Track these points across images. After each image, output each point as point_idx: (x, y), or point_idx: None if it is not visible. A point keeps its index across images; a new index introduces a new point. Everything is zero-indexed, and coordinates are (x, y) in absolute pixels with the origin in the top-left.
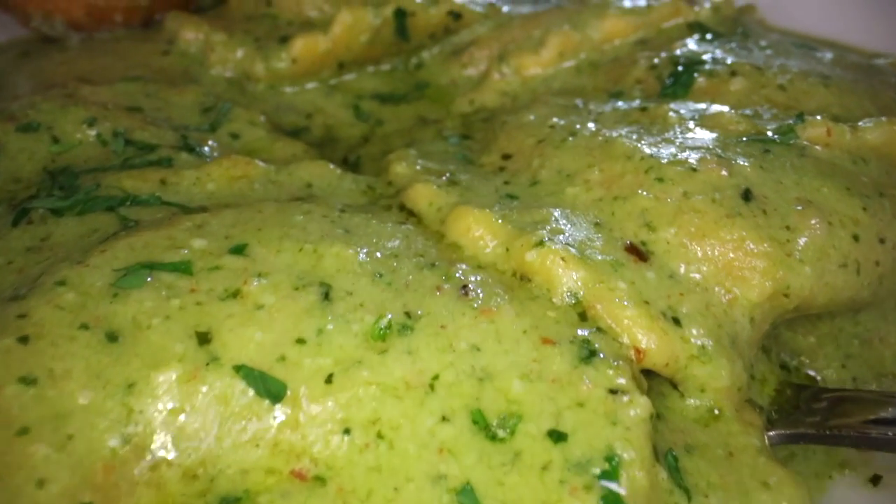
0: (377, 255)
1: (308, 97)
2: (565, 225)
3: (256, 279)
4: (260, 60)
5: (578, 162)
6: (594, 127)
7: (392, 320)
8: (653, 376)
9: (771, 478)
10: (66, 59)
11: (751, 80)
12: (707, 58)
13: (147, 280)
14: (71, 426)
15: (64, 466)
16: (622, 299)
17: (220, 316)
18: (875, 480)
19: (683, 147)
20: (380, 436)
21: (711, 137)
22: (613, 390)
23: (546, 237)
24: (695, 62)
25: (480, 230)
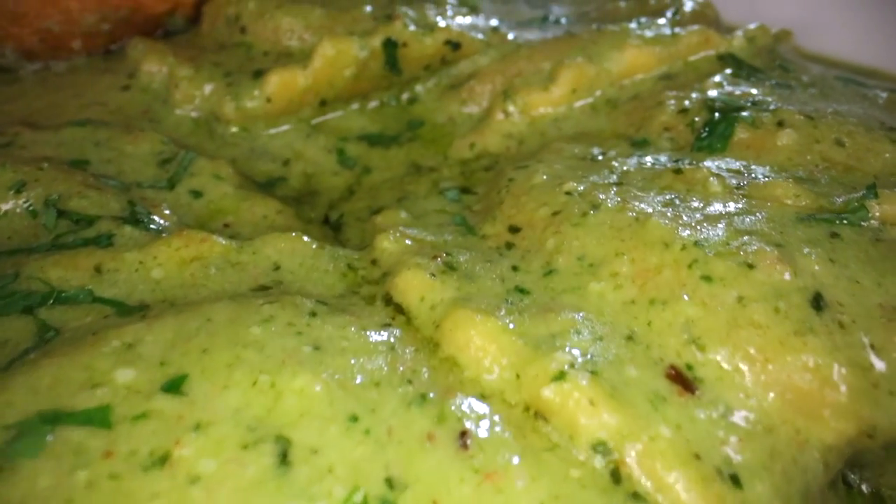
0: (354, 384)
1: (285, 140)
2: (590, 339)
3: (193, 433)
4: (230, 99)
5: (604, 247)
6: (620, 198)
7: (369, 495)
8: None
9: None
10: (15, 94)
11: (802, 133)
12: (747, 102)
13: (47, 441)
14: None
15: None
16: (666, 453)
17: (142, 497)
18: None
19: (732, 230)
20: None
21: (765, 216)
22: None
23: (567, 365)
24: (733, 108)
25: (484, 344)
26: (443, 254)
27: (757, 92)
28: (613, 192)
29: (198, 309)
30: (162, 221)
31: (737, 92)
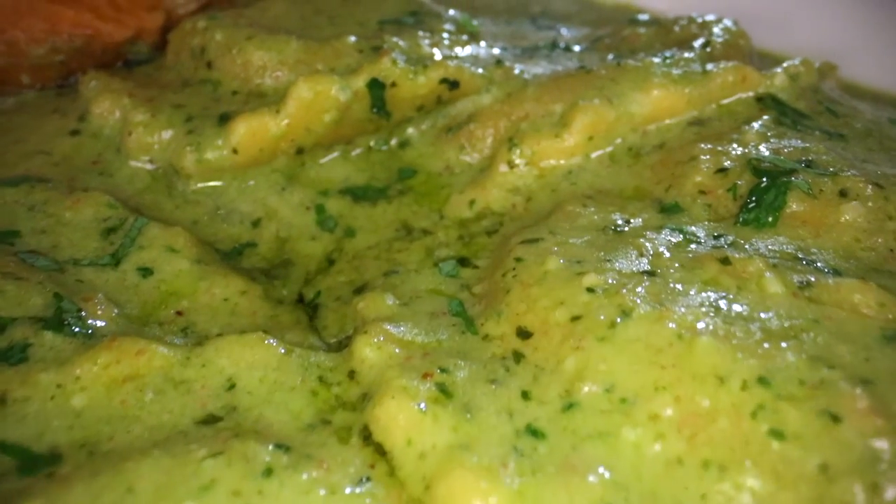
0: None
1: (256, 195)
2: None
3: None
4: (191, 150)
5: (639, 375)
6: (656, 300)
7: None
8: None
9: None
10: None
11: (870, 207)
12: (798, 162)
13: None
14: None
15: None
16: None
17: None
18: None
19: (804, 358)
20: None
21: (841, 333)
22: None
23: None
24: (782, 170)
25: None
26: (436, 370)
27: (807, 146)
28: (646, 289)
29: (119, 470)
30: (94, 322)
31: (784, 147)
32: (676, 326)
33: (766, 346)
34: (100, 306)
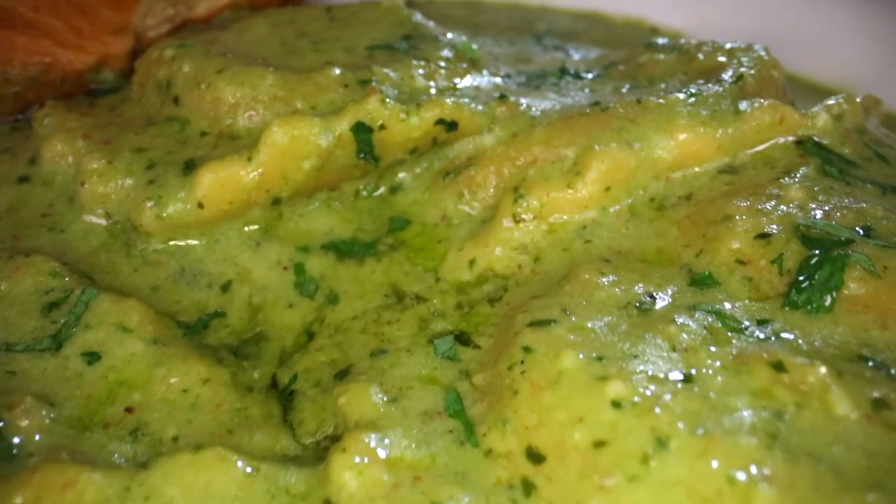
0: None
1: (226, 253)
2: None
3: None
4: (151, 204)
5: None
6: (698, 424)
7: None
8: None
9: None
10: None
11: None
12: (855, 229)
13: None
14: None
15: None
16: None
17: None
18: None
19: None
20: None
21: None
22: None
23: None
24: (837, 241)
25: None
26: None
27: (862, 206)
28: (683, 404)
29: None
30: (18, 439)
31: (834, 208)
32: (726, 466)
33: (840, 496)
34: (24, 418)
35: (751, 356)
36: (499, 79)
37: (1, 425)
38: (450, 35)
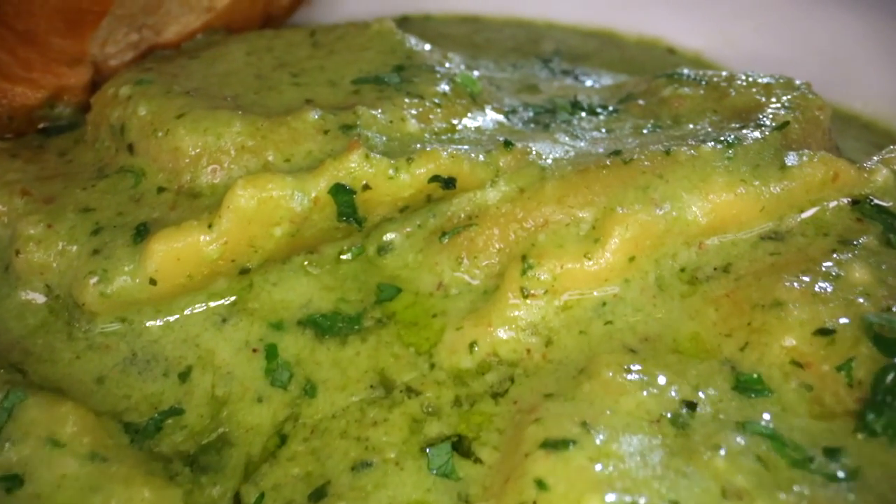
0: None
1: (187, 331)
2: None
3: None
4: (94, 280)
5: None
6: None
7: None
8: None
9: None
10: None
11: None
12: None
13: None
14: None
15: None
16: None
17: None
18: None
19: None
20: None
21: None
22: None
23: None
24: None
25: None
26: None
27: None
28: None
29: None
30: None
31: None
32: None
33: None
34: None
35: None
36: (503, 116)
37: None
38: (448, 64)
